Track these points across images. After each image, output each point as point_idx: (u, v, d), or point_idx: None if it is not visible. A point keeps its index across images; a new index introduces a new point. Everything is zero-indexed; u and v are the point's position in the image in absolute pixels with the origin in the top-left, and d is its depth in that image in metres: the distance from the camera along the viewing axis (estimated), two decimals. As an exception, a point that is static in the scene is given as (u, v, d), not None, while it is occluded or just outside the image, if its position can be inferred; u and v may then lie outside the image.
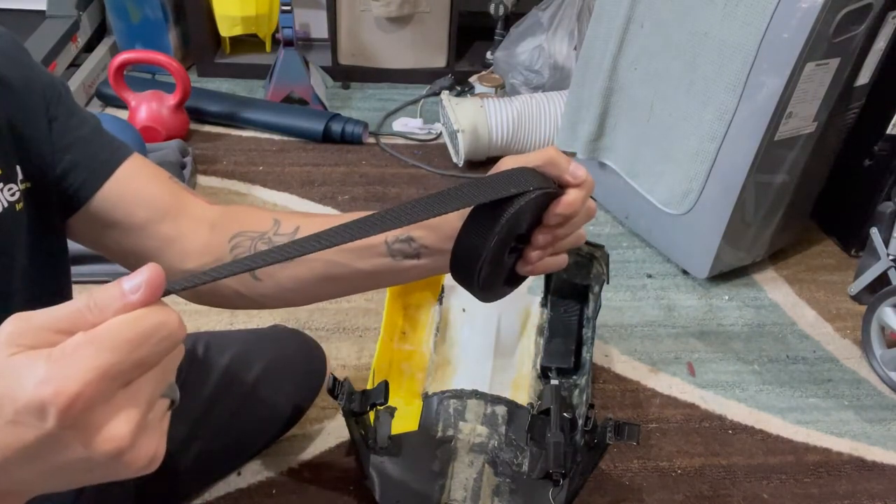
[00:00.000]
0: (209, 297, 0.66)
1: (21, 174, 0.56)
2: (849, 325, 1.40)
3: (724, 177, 1.31)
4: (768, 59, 1.18)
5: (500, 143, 1.76)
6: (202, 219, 0.65)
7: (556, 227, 0.55)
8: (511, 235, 0.53)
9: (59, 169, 0.59)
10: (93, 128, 0.63)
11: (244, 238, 0.63)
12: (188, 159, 1.65)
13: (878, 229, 1.36)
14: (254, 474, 1.04)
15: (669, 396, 1.22)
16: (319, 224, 0.61)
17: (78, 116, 0.62)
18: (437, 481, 0.96)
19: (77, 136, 0.61)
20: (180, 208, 0.65)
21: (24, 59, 0.58)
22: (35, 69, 0.59)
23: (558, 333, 1.19)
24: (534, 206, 0.52)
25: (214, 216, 0.66)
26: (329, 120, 1.83)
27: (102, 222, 0.62)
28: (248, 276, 0.63)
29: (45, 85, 0.59)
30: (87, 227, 0.62)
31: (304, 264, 0.61)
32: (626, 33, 1.42)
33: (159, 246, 0.63)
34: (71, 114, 0.61)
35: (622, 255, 1.54)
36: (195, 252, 0.63)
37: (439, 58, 2.13)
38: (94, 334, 0.30)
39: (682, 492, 1.07)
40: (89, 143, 0.62)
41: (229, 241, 0.63)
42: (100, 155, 0.62)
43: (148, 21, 2.05)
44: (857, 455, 1.15)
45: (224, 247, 0.63)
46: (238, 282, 0.63)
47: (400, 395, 1.12)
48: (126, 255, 0.64)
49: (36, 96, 0.58)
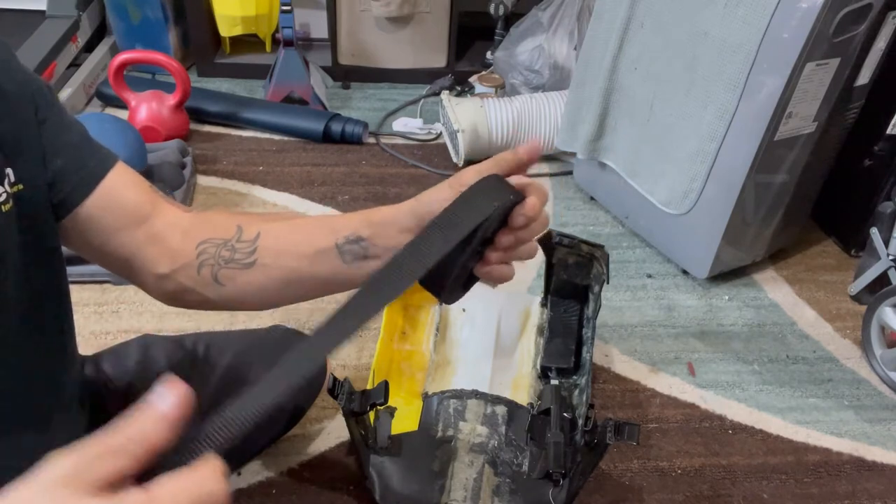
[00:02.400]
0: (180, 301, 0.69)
1: (13, 177, 0.57)
2: (849, 325, 1.40)
3: (724, 177, 1.31)
4: (768, 58, 1.18)
5: (500, 143, 1.76)
6: (175, 225, 0.67)
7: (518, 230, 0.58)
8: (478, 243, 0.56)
9: (49, 173, 0.60)
10: (80, 133, 0.64)
11: (209, 245, 0.65)
12: (188, 159, 1.65)
13: (878, 229, 1.36)
14: (254, 474, 1.04)
15: (669, 396, 1.22)
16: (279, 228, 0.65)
17: (66, 121, 0.63)
18: (437, 481, 0.96)
19: (66, 141, 0.62)
20: (156, 215, 0.66)
21: (12, 63, 0.59)
22: (23, 72, 0.60)
23: (558, 333, 1.19)
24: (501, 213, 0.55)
25: (186, 223, 0.67)
26: (329, 120, 1.83)
27: (86, 227, 0.63)
28: (212, 282, 0.65)
29: (34, 89, 0.60)
30: (71, 231, 0.64)
31: (263, 271, 0.64)
32: (626, 33, 1.42)
33: (133, 251, 0.65)
34: (60, 118, 0.62)
35: (622, 255, 1.54)
36: (165, 258, 0.65)
37: (439, 58, 2.13)
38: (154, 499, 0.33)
39: (682, 492, 1.07)
40: (78, 149, 0.63)
41: (196, 247, 0.65)
42: (88, 162, 0.63)
43: (148, 21, 2.05)
44: (857, 455, 1.15)
45: (191, 254, 0.65)
46: (204, 287, 0.65)
47: (400, 395, 1.13)
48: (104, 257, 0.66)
49: (26, 100, 0.59)
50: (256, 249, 0.64)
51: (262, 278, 0.64)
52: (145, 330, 1.19)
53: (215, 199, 1.62)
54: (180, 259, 0.65)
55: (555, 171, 1.80)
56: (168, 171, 1.55)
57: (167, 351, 0.93)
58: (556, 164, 1.82)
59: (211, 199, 1.62)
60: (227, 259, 0.64)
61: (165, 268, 0.65)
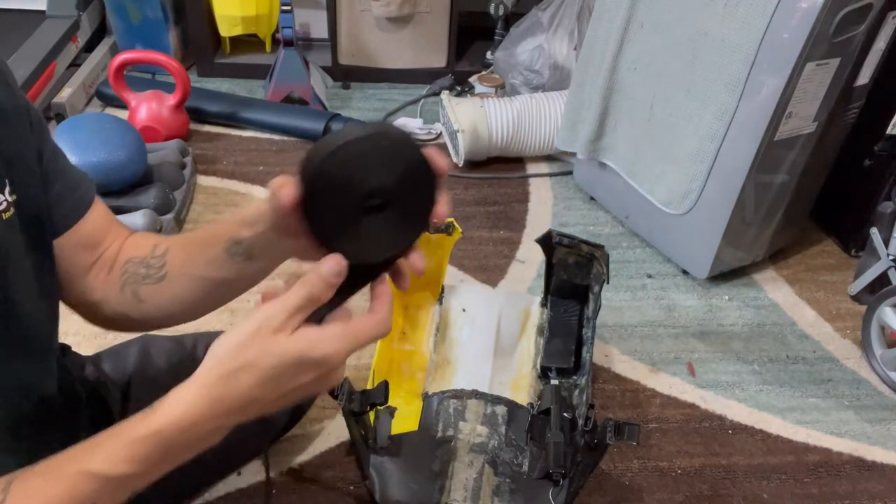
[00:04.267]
0: (102, 321, 0.70)
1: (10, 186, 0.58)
2: (849, 325, 1.40)
3: (724, 177, 1.31)
4: (768, 58, 1.18)
5: (500, 143, 1.76)
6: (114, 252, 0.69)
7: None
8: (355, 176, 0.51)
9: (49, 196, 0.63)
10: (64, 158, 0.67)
11: (130, 264, 0.68)
12: (188, 159, 1.65)
13: (878, 229, 1.36)
14: (254, 474, 1.04)
15: (669, 396, 1.22)
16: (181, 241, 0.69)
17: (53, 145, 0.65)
18: (437, 481, 0.96)
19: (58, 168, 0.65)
20: (106, 244, 0.69)
21: (9, 81, 0.60)
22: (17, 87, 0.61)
23: (558, 333, 1.19)
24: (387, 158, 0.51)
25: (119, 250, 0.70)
26: (329, 120, 1.82)
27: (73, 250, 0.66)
28: (133, 300, 0.67)
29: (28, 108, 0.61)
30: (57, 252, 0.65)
31: (175, 282, 0.66)
32: (626, 33, 1.42)
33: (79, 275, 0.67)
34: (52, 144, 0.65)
35: (622, 255, 1.54)
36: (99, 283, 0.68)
37: (439, 58, 2.13)
38: (352, 329, 0.52)
39: (682, 492, 1.07)
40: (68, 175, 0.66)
41: (122, 267, 0.68)
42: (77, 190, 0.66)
43: (148, 21, 2.05)
44: (857, 455, 1.15)
45: (118, 275, 0.68)
46: (124, 305, 0.67)
47: (400, 395, 1.13)
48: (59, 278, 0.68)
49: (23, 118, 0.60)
50: (165, 263, 0.67)
51: (176, 289, 0.66)
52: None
53: (215, 199, 1.62)
54: (109, 284, 0.67)
55: (555, 171, 1.80)
56: (168, 171, 1.55)
57: (167, 351, 0.94)
58: (556, 164, 1.82)
59: (211, 199, 1.62)
60: (143, 275, 0.67)
61: (98, 294, 0.67)
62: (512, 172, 1.79)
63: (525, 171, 1.80)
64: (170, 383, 0.51)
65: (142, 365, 0.91)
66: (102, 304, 0.68)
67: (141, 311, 0.68)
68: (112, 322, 0.70)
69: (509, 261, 1.50)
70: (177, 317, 0.70)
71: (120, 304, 0.67)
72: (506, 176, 1.77)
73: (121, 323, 0.70)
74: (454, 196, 1.69)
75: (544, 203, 1.69)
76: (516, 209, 1.66)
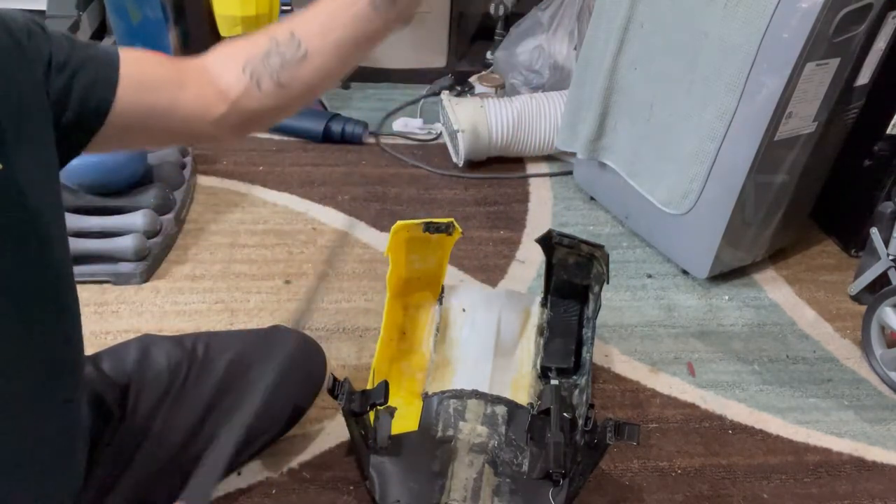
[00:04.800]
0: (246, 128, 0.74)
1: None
2: (849, 325, 1.40)
3: (724, 177, 1.31)
4: (768, 59, 1.18)
5: (500, 143, 1.76)
6: (206, 71, 0.70)
7: None
8: None
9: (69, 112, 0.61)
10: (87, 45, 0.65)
11: (253, 63, 0.69)
12: (188, 159, 1.65)
13: (878, 229, 1.36)
14: (254, 474, 1.04)
15: (669, 396, 1.22)
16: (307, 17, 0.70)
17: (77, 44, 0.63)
18: (437, 481, 0.96)
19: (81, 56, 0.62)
20: (186, 74, 0.69)
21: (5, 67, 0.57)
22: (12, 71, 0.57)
23: (558, 333, 1.19)
24: None
25: (214, 64, 0.70)
26: (329, 120, 1.83)
27: (133, 118, 0.65)
28: (276, 89, 0.69)
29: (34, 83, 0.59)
30: (120, 128, 0.65)
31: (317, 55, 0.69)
32: (626, 33, 1.42)
33: (183, 117, 0.68)
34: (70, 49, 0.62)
35: (622, 255, 1.54)
36: (216, 100, 0.69)
37: (439, 58, 2.13)
38: None
39: (682, 492, 1.07)
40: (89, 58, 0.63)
41: (242, 72, 0.69)
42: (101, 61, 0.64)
43: (148, 21, 2.04)
44: (857, 455, 1.15)
45: (241, 80, 0.69)
46: (269, 99, 0.69)
47: (400, 395, 1.13)
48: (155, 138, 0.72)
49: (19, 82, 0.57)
50: (300, 42, 0.68)
51: (320, 60, 0.69)
52: (145, 330, 1.19)
53: (215, 199, 1.62)
54: (233, 91, 0.68)
55: (555, 171, 1.80)
56: (168, 170, 1.55)
57: (167, 351, 0.93)
58: (556, 164, 1.82)
59: (211, 199, 1.62)
60: (280, 63, 0.68)
61: (222, 107, 0.69)
62: (512, 172, 1.79)
63: (525, 171, 1.80)
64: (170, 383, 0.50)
65: (142, 365, 0.90)
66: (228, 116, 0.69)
67: (287, 95, 0.70)
68: (247, 127, 0.73)
69: (509, 261, 1.51)
70: (323, 87, 0.74)
71: (258, 102, 0.69)
72: (506, 176, 1.77)
73: (259, 122, 0.73)
74: (454, 196, 1.69)
75: (544, 203, 1.69)
76: (516, 209, 1.66)
